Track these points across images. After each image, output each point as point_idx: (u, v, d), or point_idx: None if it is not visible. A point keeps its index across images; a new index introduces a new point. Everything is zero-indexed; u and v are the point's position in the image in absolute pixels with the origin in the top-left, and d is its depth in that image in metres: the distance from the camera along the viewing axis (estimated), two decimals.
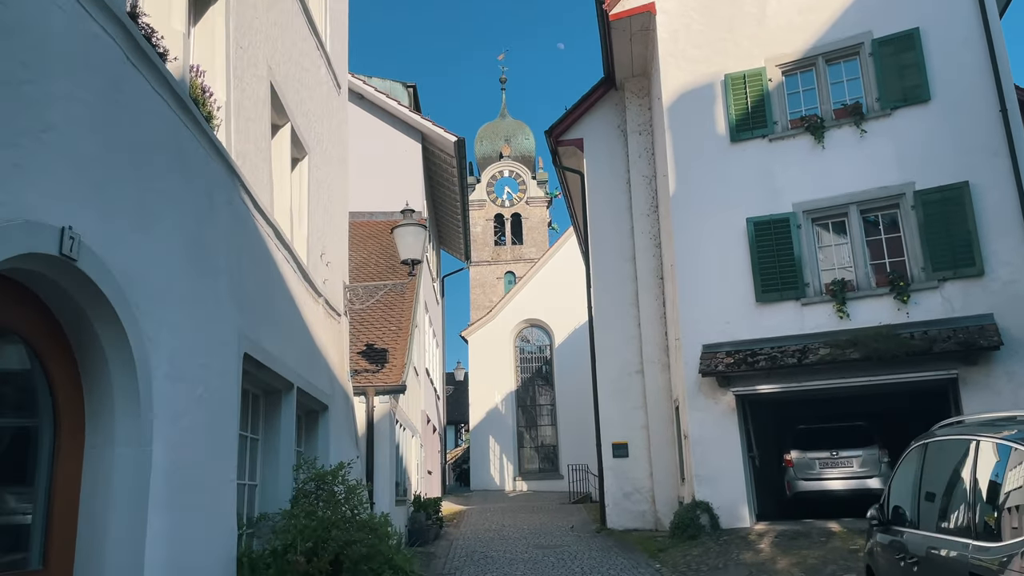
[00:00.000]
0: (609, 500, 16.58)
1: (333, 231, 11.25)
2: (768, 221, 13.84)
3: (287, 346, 7.85)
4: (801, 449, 14.37)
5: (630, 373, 16.86)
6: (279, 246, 7.92)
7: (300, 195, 9.58)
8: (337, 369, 10.59)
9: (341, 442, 10.19)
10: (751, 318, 13.70)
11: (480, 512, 21.69)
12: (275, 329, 7.48)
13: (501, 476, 33.02)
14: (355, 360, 13.52)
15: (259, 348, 6.68)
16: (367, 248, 18.86)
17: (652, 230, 16.97)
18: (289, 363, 7.78)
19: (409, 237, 11.68)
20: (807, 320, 13.37)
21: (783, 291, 13.57)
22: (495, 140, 45.69)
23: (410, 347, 14.16)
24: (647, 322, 16.73)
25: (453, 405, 39.89)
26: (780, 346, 13.27)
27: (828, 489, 13.98)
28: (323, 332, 9.98)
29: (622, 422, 16.72)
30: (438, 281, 27.60)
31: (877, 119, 13.60)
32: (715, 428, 13.55)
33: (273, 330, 7.39)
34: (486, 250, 42.84)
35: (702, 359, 13.62)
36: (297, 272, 8.75)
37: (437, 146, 22.03)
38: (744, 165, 14.23)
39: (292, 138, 9.09)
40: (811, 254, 13.66)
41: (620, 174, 17.59)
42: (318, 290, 9.83)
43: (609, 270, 17.38)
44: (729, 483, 13.28)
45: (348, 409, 10.95)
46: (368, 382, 12.78)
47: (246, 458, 7.23)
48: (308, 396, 8.67)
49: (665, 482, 16.14)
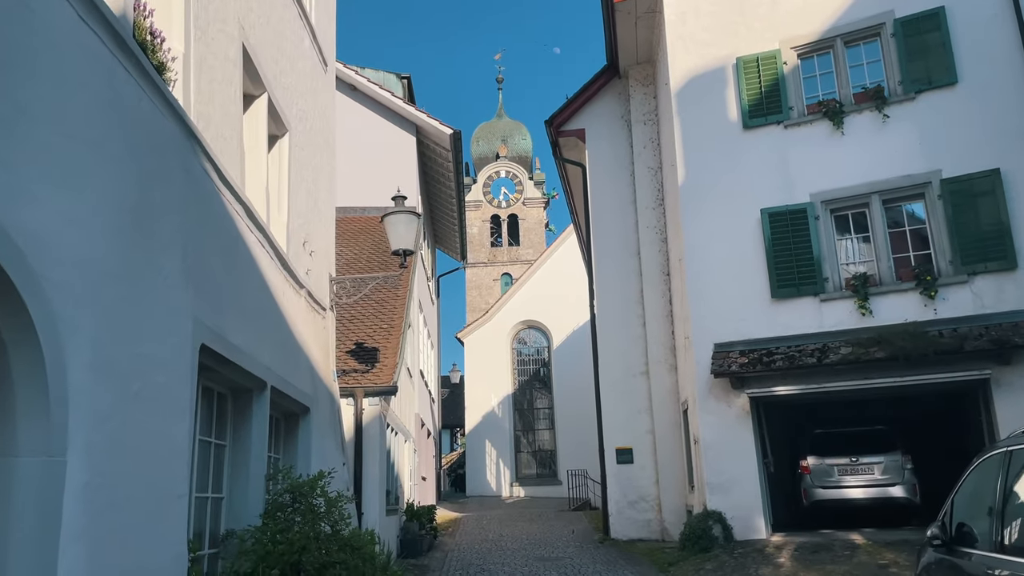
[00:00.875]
0: (613, 508, 15.63)
1: (318, 219, 10.30)
2: (784, 212, 12.92)
3: (260, 340, 6.90)
4: (818, 455, 13.42)
5: (634, 374, 15.92)
6: (251, 227, 6.97)
7: (279, 176, 8.64)
8: (321, 368, 9.63)
9: (325, 448, 9.23)
10: (766, 315, 12.77)
11: (476, 520, 20.72)
12: (244, 320, 6.53)
13: (498, 482, 32.03)
14: (343, 359, 12.56)
15: (222, 340, 5.73)
16: (359, 243, 17.92)
17: (658, 224, 16.04)
18: (262, 359, 6.83)
19: (400, 226, 10.73)
20: (826, 317, 12.45)
21: (800, 286, 12.64)
22: (492, 140, 44.87)
23: (402, 346, 13.21)
24: (652, 321, 15.80)
25: (449, 409, 38.93)
26: (798, 345, 12.34)
27: (848, 498, 13.03)
28: (305, 327, 9.03)
29: (626, 426, 15.77)
30: (433, 280, 26.65)
31: (900, 103, 12.69)
32: (728, 432, 12.61)
33: (242, 321, 6.44)
34: (482, 251, 42.01)
35: (714, 359, 12.69)
36: (274, 259, 7.80)
37: (432, 139, 21.09)
38: (758, 153, 13.32)
39: (269, 111, 8.14)
40: (830, 247, 12.73)
41: (624, 166, 16.67)
42: (300, 281, 8.89)
43: (612, 266, 16.44)
44: (743, 491, 12.34)
45: (333, 412, 9.99)
46: (357, 383, 11.82)
47: (209, 467, 6.27)
48: (286, 397, 7.72)
49: (672, 489, 15.19)
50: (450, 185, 23.07)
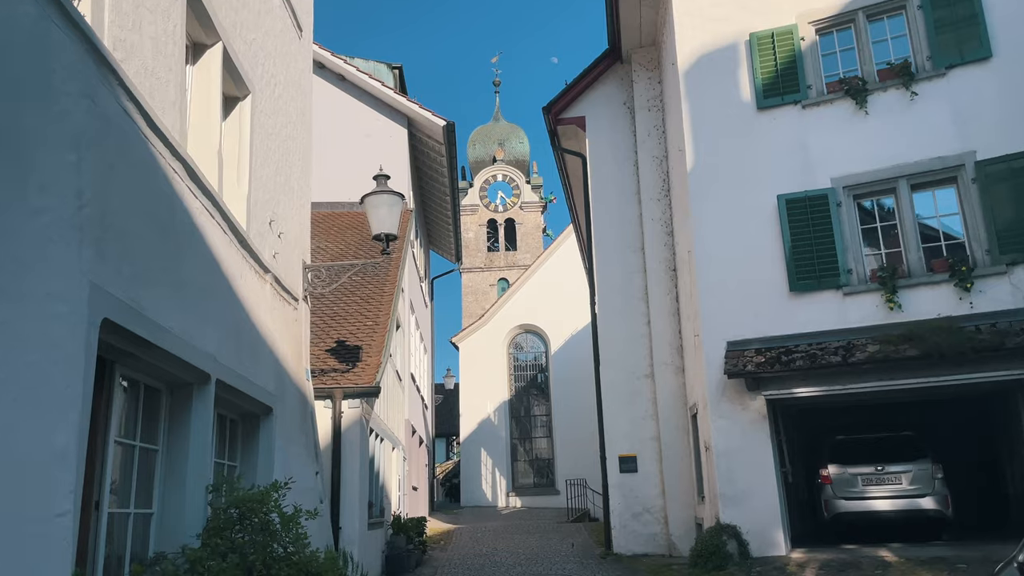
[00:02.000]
0: (615, 521, 14.41)
1: (289, 199, 9.15)
2: (803, 199, 11.78)
3: (203, 324, 5.73)
4: (840, 463, 12.26)
5: (639, 377, 14.73)
6: (195, 191, 5.82)
7: (239, 142, 7.49)
8: (290, 365, 8.46)
9: (292, 455, 8.04)
10: (784, 310, 11.61)
11: (470, 532, 19.49)
12: (181, 298, 5.36)
13: (493, 491, 30.76)
14: (321, 358, 11.39)
15: (140, 317, 4.57)
16: (346, 239, 16.78)
17: (663, 216, 14.89)
18: (204, 346, 5.65)
19: (383, 208, 9.59)
20: (850, 312, 11.29)
21: (821, 279, 11.49)
22: (488, 144, 43.85)
23: (388, 344, 12.03)
24: (658, 319, 14.63)
25: (445, 416, 37.70)
26: (819, 342, 11.19)
27: (874, 510, 11.87)
28: (270, 317, 7.86)
29: (630, 432, 14.57)
30: (427, 282, 25.47)
31: (929, 80, 11.58)
32: (743, 438, 11.43)
33: (176, 299, 5.27)
34: (479, 256, 40.96)
35: (727, 358, 11.53)
36: (229, 234, 6.64)
37: (424, 132, 19.96)
38: (773, 135, 12.19)
39: (225, 65, 7.00)
40: (853, 236, 11.59)
41: (627, 155, 15.53)
42: (264, 264, 7.73)
43: (614, 262, 15.27)
44: (760, 503, 11.16)
45: (305, 414, 8.81)
46: (335, 383, 10.64)
47: (133, 476, 5.10)
48: (240, 395, 6.55)
49: (679, 501, 13.98)
50: (444, 182, 21.93)
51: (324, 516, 9.12)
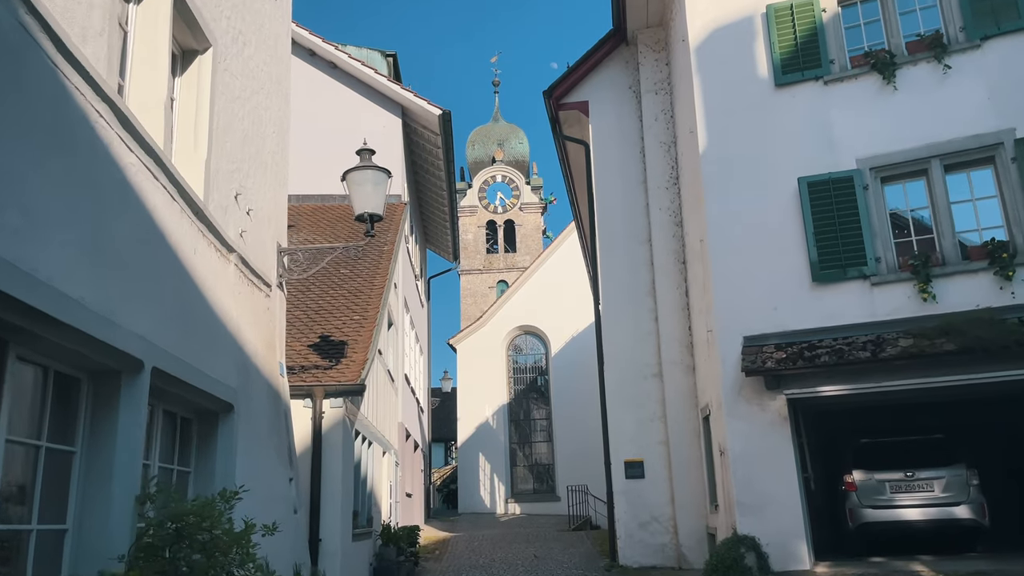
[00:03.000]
0: (621, 530, 13.36)
1: (262, 173, 8.15)
2: (826, 181, 10.78)
3: (132, 300, 4.72)
4: (866, 469, 11.24)
5: (646, 376, 13.70)
6: (129, 143, 4.82)
7: (196, 101, 6.48)
8: (259, 357, 7.45)
9: (260, 458, 7.03)
10: (806, 302, 10.61)
11: (467, 541, 18.44)
12: (99, 265, 4.36)
13: (492, 498, 29.68)
14: (302, 354, 10.38)
15: (32, 283, 3.56)
16: (336, 232, 15.80)
17: (672, 205, 13.89)
18: (135, 327, 4.65)
19: (367, 186, 8.60)
20: (879, 303, 10.29)
21: (847, 268, 10.49)
22: (488, 144, 42.91)
23: (376, 340, 11.02)
24: (666, 315, 13.62)
25: (444, 421, 36.66)
26: (846, 337, 10.18)
27: (904, 520, 10.85)
28: (234, 302, 6.86)
29: (636, 436, 13.53)
30: (423, 281, 24.46)
31: (963, 52, 10.60)
32: (761, 441, 10.42)
33: (93, 266, 4.27)
34: (478, 258, 40.01)
35: (744, 355, 10.52)
36: (178, 200, 5.64)
37: (420, 122, 18.98)
38: (793, 114, 11.21)
39: (178, 10, 6.00)
40: (882, 221, 10.60)
41: (633, 142, 14.54)
42: (227, 241, 6.73)
43: (619, 255, 14.25)
44: (781, 512, 10.13)
45: (277, 413, 7.79)
46: (316, 380, 9.62)
47: (36, 484, 4.09)
48: (188, 388, 5.53)
49: (690, 509, 12.94)
50: (440, 176, 20.93)
51: (300, 528, 8.10)
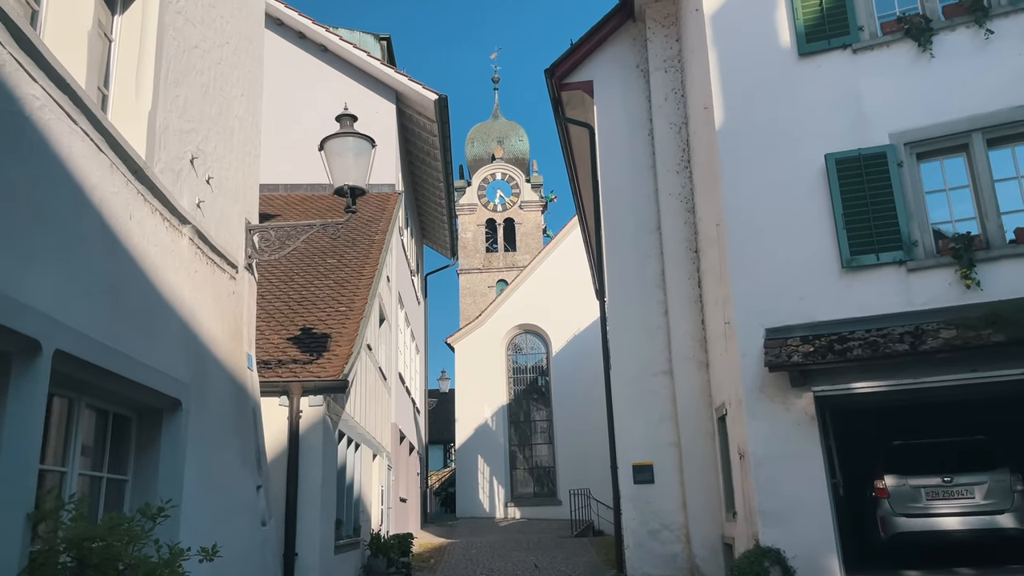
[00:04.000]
0: (629, 539, 12.31)
1: (228, 140, 7.13)
2: (856, 157, 9.77)
3: (32, 267, 3.70)
4: (899, 473, 10.22)
5: (655, 374, 12.65)
6: (29, 69, 3.81)
7: (138, 43, 5.46)
8: (219, 347, 6.42)
9: (217, 464, 6.00)
10: (835, 290, 9.59)
11: (464, 548, 17.39)
12: None
13: (491, 501, 28.61)
14: (280, 347, 9.35)
15: None
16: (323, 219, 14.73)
17: (683, 191, 12.87)
18: (30, 299, 3.63)
19: (348, 156, 7.59)
20: (916, 291, 9.27)
21: (880, 252, 9.47)
22: (487, 142, 41.94)
23: (363, 333, 9.98)
24: (677, 308, 12.58)
25: (443, 423, 35.63)
26: (880, 328, 9.16)
27: (941, 529, 9.82)
28: (188, 282, 5.83)
29: (645, 438, 12.48)
30: (419, 276, 23.42)
31: (1006, 15, 9.58)
32: (786, 443, 9.40)
33: None
34: (477, 257, 39.04)
35: (767, 348, 9.50)
36: (107, 152, 4.62)
37: (415, 108, 17.96)
38: (819, 85, 10.19)
39: None
40: (918, 201, 9.58)
41: (641, 123, 13.51)
42: (179, 211, 5.70)
43: (626, 245, 13.22)
44: (808, 521, 9.11)
45: (242, 412, 6.76)
46: (294, 376, 8.58)
47: None
48: (117, 379, 4.50)
49: (703, 516, 11.90)
50: (437, 166, 19.91)
51: (270, 542, 7.07)
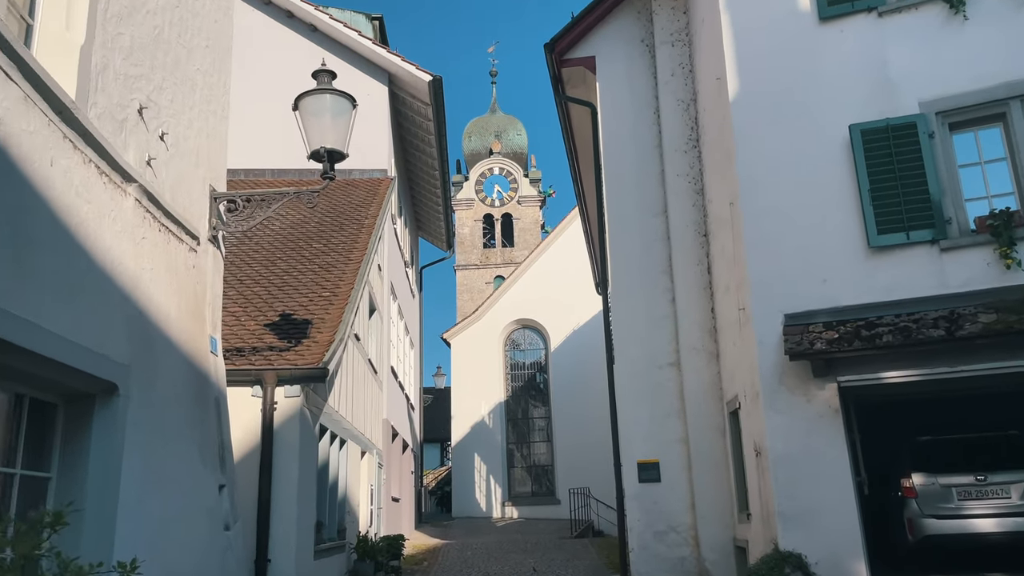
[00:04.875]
0: (633, 540, 11.48)
1: (187, 93, 6.28)
2: (883, 128, 8.94)
3: None
4: (928, 471, 9.41)
5: (661, 366, 11.82)
6: None
7: None
8: (172, 326, 5.57)
9: (166, 460, 5.15)
10: (860, 272, 8.77)
11: (459, 549, 16.56)
12: None
13: (488, 501, 27.77)
14: (256, 334, 8.51)
15: None
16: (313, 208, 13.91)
17: (691, 171, 12.04)
18: None
19: (325, 116, 6.72)
20: (951, 272, 8.45)
21: (910, 231, 8.64)
22: (485, 136, 41.17)
23: (348, 319, 9.14)
24: (685, 295, 11.75)
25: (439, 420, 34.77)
26: (911, 312, 8.33)
27: (974, 532, 9.01)
28: (130, 247, 4.99)
29: (650, 434, 11.65)
30: (413, 269, 22.58)
31: None
32: (807, 439, 8.57)
33: None
34: (474, 253, 38.28)
35: (787, 335, 8.67)
36: (20, 84, 3.78)
37: (408, 91, 17.12)
38: (842, 51, 9.37)
39: None
40: (951, 174, 8.76)
41: (646, 101, 12.68)
42: (121, 165, 4.86)
43: (631, 230, 12.38)
44: (832, 524, 8.29)
45: (202, 402, 5.91)
46: (268, 364, 7.74)
47: None
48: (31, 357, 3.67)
49: (713, 517, 11.08)
50: (432, 153, 19.06)
51: (235, 548, 6.22)
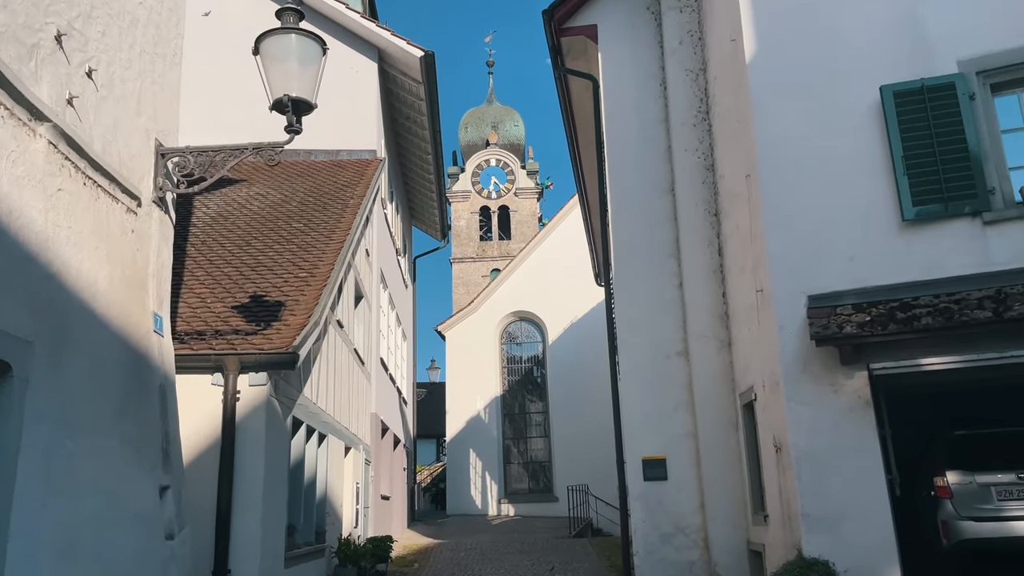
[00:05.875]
0: (638, 543, 10.58)
1: (124, 27, 5.35)
2: (918, 90, 8.03)
3: None
4: (964, 469, 8.52)
5: (668, 355, 10.91)
6: None
7: None
8: (97, 298, 4.65)
9: (84, 457, 4.23)
10: (893, 249, 7.87)
11: (452, 550, 15.66)
12: None
13: (483, 498, 26.88)
14: (222, 316, 7.58)
15: None
16: (293, 186, 12.99)
17: (701, 145, 11.13)
18: None
19: (291, 61, 5.84)
20: (996, 248, 7.55)
21: (950, 202, 7.74)
22: (481, 127, 40.32)
23: (325, 301, 8.21)
24: (694, 279, 10.85)
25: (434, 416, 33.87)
26: (952, 292, 7.43)
27: (1018, 536, 8.12)
28: (39, 199, 4.07)
29: (656, 428, 10.74)
30: (405, 258, 21.64)
31: None
32: (834, 433, 7.68)
33: None
34: (471, 245, 37.45)
35: (812, 318, 7.77)
36: None
37: (399, 68, 16.18)
38: (870, 7, 8.46)
39: None
40: (994, 140, 7.85)
41: (651, 72, 11.76)
42: (28, 99, 3.94)
43: (635, 210, 11.46)
44: (862, 528, 7.41)
45: (136, 389, 4.98)
46: (231, 348, 6.82)
47: None
48: None
49: (725, 518, 10.19)
50: (424, 136, 18.11)
51: (184, 559, 5.30)
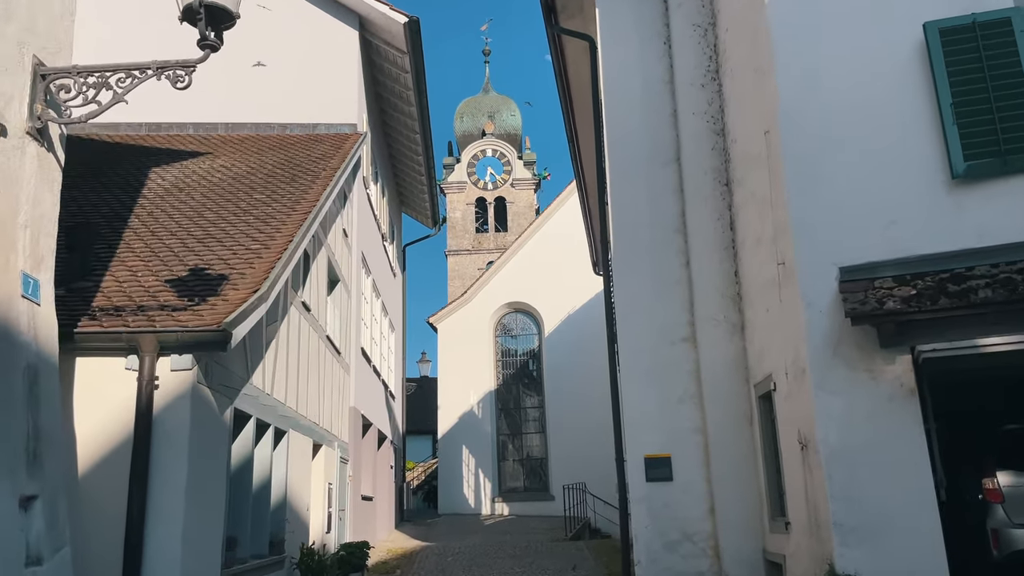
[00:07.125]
0: (640, 551, 9.37)
1: None
2: (968, 26, 6.84)
3: None
4: (1018, 469, 7.34)
5: (672, 342, 9.72)
6: None
7: None
8: None
9: None
10: (941, 211, 6.68)
11: (440, 554, 14.46)
12: None
13: (476, 497, 25.69)
14: (151, 292, 6.38)
15: None
16: (263, 158, 11.80)
17: (710, 108, 9.93)
18: None
19: None
20: None
21: (1008, 156, 6.54)
22: (477, 116, 39.05)
23: (279, 275, 7.00)
24: (702, 256, 9.66)
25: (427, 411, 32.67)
26: (1012, 261, 6.25)
27: None
28: None
29: (660, 422, 9.55)
30: (394, 246, 20.42)
31: None
32: (871, 428, 6.51)
33: None
34: (466, 238, 36.18)
35: (845, 293, 6.58)
36: None
37: (383, 37, 14.96)
38: None
39: None
40: None
41: (655, 29, 10.56)
42: None
43: (636, 181, 10.26)
44: (906, 539, 6.25)
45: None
46: (149, 324, 5.61)
47: None
48: None
49: (738, 524, 9.00)
50: (411, 112, 16.89)
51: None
